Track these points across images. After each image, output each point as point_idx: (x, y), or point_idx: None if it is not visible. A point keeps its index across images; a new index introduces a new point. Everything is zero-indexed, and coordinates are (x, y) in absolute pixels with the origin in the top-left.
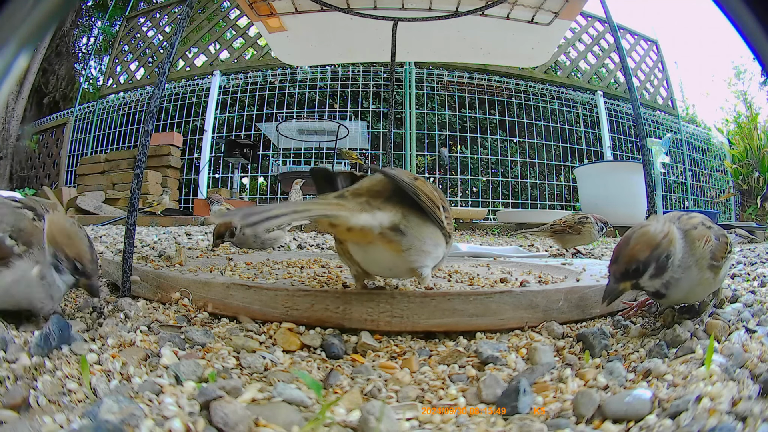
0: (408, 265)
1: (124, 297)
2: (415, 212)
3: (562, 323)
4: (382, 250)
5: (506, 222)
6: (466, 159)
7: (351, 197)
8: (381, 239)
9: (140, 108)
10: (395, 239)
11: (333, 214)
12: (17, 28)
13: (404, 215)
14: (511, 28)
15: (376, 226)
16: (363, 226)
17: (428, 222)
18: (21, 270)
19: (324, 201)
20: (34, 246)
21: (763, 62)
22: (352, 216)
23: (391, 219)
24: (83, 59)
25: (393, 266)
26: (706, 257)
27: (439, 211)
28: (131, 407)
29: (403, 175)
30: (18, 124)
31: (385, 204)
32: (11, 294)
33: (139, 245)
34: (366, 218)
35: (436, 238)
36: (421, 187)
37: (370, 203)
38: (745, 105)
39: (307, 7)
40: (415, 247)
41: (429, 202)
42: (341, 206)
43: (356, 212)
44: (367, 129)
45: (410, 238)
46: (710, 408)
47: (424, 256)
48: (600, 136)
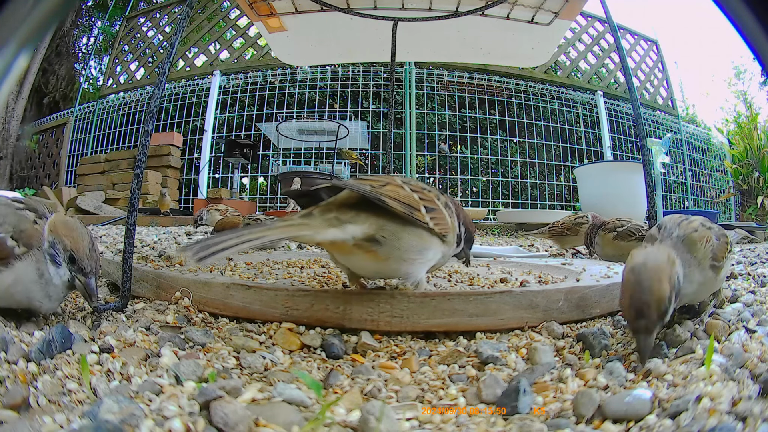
0: (392, 273)
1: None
2: (394, 219)
3: (562, 323)
4: (365, 259)
5: (506, 222)
6: (466, 159)
7: (319, 214)
8: (359, 249)
9: (140, 108)
10: (373, 249)
11: (293, 235)
12: (17, 28)
13: (380, 225)
14: (511, 28)
15: (349, 238)
16: (333, 240)
17: (410, 227)
18: (20, 271)
19: (284, 223)
20: (34, 248)
21: (763, 62)
22: (316, 234)
23: (365, 230)
24: (83, 59)
25: (380, 271)
26: (708, 257)
27: (420, 212)
28: (131, 407)
29: (369, 184)
30: (18, 124)
31: (357, 216)
32: (11, 294)
33: (139, 245)
34: (334, 233)
35: (422, 242)
36: (391, 193)
37: (338, 218)
38: (745, 105)
39: (307, 7)
40: (394, 256)
41: (402, 206)
42: (304, 225)
43: (321, 229)
44: (367, 129)
45: (388, 247)
46: (710, 408)
47: (407, 264)
48: (600, 136)
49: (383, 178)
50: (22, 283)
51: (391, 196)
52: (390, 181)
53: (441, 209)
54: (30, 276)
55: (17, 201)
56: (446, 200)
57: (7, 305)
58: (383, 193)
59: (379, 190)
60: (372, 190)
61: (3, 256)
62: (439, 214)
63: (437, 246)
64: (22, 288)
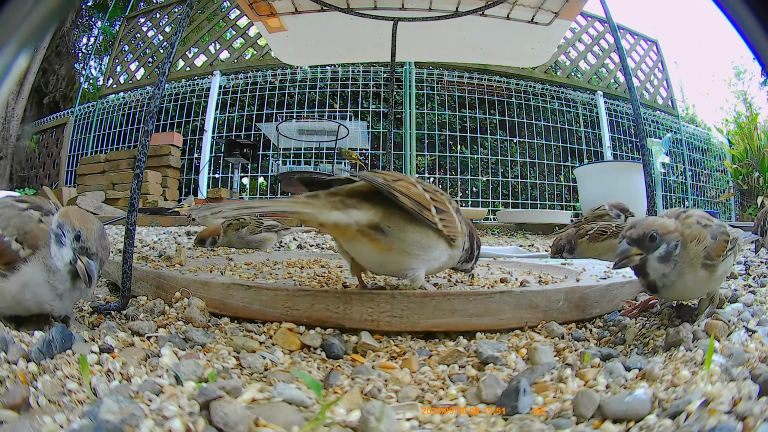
0: (394, 265)
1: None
2: (401, 214)
3: (562, 323)
4: (368, 248)
5: (506, 222)
6: (466, 159)
7: (324, 197)
8: (362, 236)
9: (140, 108)
10: (376, 238)
11: (296, 210)
12: (17, 28)
13: (386, 216)
14: (511, 28)
15: (352, 223)
16: (336, 222)
17: (416, 224)
18: (28, 274)
19: (290, 199)
20: (40, 248)
21: (763, 62)
22: (319, 213)
23: (369, 218)
24: (83, 59)
25: (382, 263)
26: (699, 256)
27: (429, 212)
28: (131, 407)
29: (383, 177)
30: (18, 124)
31: (363, 204)
32: (18, 300)
33: (139, 245)
34: (337, 215)
35: (427, 240)
36: (403, 189)
37: (344, 202)
38: (745, 105)
39: (307, 7)
40: (397, 247)
41: (412, 202)
42: (307, 204)
43: (325, 210)
44: (367, 129)
45: (392, 238)
46: (710, 408)
47: (409, 258)
48: (600, 136)
49: (397, 175)
50: (30, 287)
51: (402, 192)
52: (403, 177)
53: (451, 213)
54: (38, 277)
55: (21, 200)
56: (456, 207)
57: (16, 312)
58: (395, 188)
59: (392, 185)
60: (385, 183)
61: (9, 261)
62: (448, 216)
63: (443, 247)
64: (31, 291)
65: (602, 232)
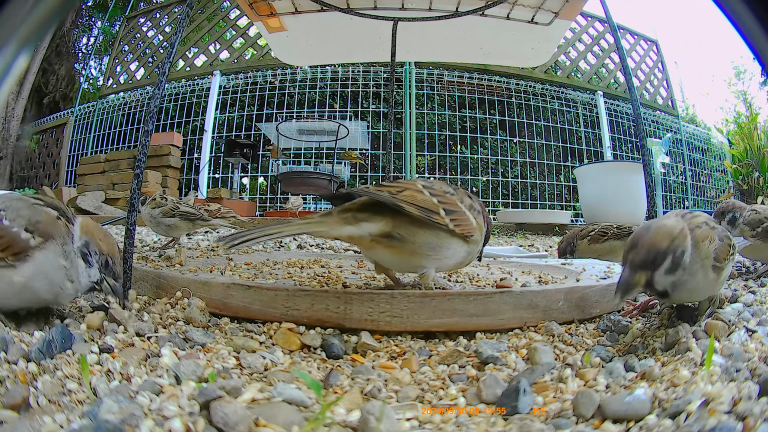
0: (409, 265)
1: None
2: (411, 220)
3: (562, 323)
4: (384, 252)
5: (506, 222)
6: (466, 159)
7: (337, 213)
8: (378, 244)
9: (140, 108)
10: (390, 244)
11: (311, 230)
12: (17, 28)
13: (397, 224)
14: (511, 28)
15: (365, 235)
16: (350, 235)
17: (427, 227)
18: (40, 261)
19: (304, 221)
20: (55, 237)
21: (763, 62)
22: (331, 229)
23: (381, 228)
24: (83, 59)
25: (399, 264)
26: (710, 258)
27: (439, 215)
28: (131, 407)
29: (387, 190)
30: (18, 124)
31: (374, 216)
32: (30, 288)
33: (139, 245)
34: (350, 229)
35: (438, 241)
36: (408, 198)
37: (355, 216)
38: (745, 105)
39: (307, 7)
40: (409, 250)
41: (419, 210)
42: (321, 223)
43: (337, 226)
44: (367, 129)
45: (404, 242)
46: (710, 408)
47: (420, 258)
48: (600, 136)
49: (402, 184)
50: (43, 275)
51: (408, 201)
52: (408, 186)
53: (463, 211)
54: (52, 265)
55: (38, 199)
56: (472, 202)
57: (23, 304)
58: (400, 199)
59: (396, 196)
60: (389, 197)
61: (18, 251)
62: (461, 215)
63: (458, 245)
64: (44, 279)
65: (603, 233)
